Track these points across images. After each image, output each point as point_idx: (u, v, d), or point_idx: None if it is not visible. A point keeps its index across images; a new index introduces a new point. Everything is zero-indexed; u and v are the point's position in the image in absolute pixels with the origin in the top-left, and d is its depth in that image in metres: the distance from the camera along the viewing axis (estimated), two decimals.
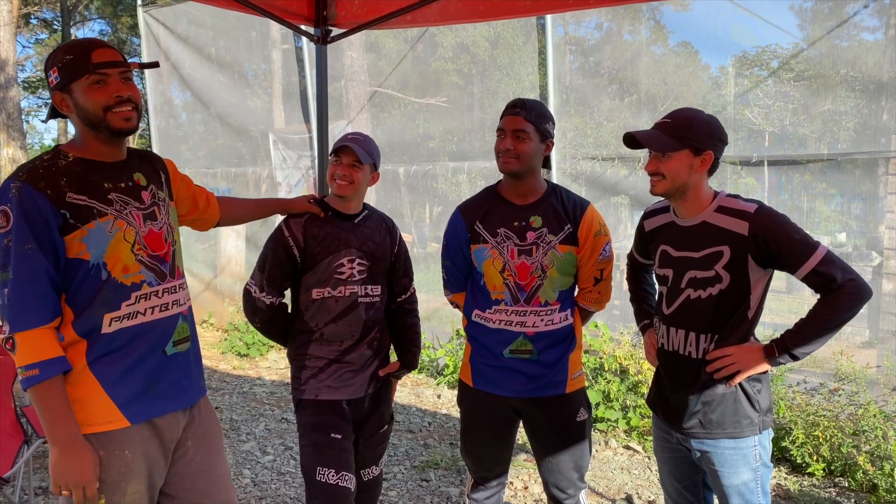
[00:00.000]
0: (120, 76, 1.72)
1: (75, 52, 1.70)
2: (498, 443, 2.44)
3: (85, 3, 24.10)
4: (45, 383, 1.62)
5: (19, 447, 3.24)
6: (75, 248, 1.68)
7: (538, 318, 2.30)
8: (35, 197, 1.63)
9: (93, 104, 1.70)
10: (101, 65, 1.69)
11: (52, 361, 1.64)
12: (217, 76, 7.94)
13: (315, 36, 3.31)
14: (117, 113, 1.71)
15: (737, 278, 1.94)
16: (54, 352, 1.65)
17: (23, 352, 1.62)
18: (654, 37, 5.89)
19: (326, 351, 2.34)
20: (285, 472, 3.91)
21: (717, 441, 2.01)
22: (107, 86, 1.70)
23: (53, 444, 1.65)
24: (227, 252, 7.66)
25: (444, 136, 6.47)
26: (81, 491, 1.66)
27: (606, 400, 4.58)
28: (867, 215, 4.65)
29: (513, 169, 2.25)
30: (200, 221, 2.18)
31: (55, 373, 1.64)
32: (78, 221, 1.68)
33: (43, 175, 1.66)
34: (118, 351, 1.73)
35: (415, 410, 5.04)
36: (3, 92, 13.20)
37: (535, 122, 2.23)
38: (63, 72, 1.70)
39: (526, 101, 2.26)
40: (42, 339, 1.64)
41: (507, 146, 2.23)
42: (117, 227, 1.73)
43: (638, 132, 2.00)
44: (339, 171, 2.29)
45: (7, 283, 1.62)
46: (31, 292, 1.63)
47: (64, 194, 1.66)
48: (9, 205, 1.63)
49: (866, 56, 4.40)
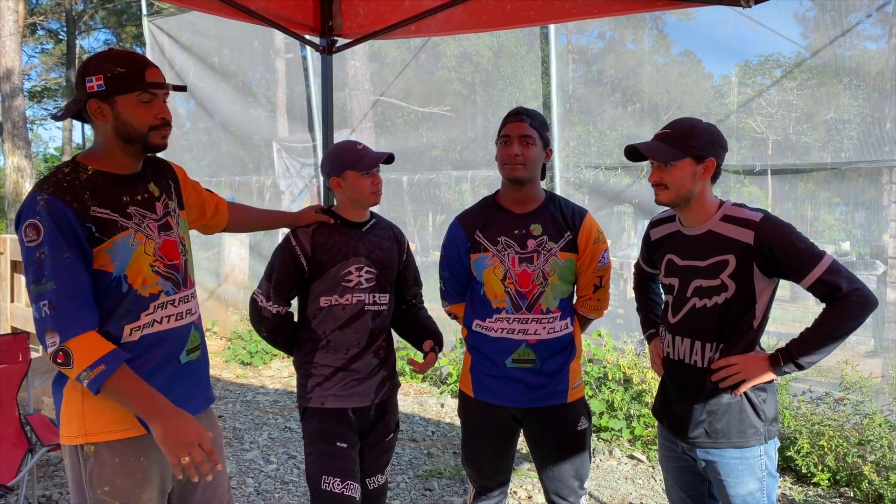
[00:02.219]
0: (163, 97, 1.78)
1: (128, 67, 1.71)
2: (499, 453, 2.44)
3: (90, 14, 24.26)
4: (115, 374, 1.62)
5: (23, 456, 3.24)
6: (101, 259, 1.69)
7: (540, 326, 2.30)
8: (63, 209, 1.63)
9: (139, 121, 1.73)
10: (153, 85, 1.73)
11: (113, 354, 1.63)
12: (221, 85, 7.98)
13: (320, 46, 3.33)
14: (159, 132, 1.76)
15: (742, 287, 1.94)
16: (110, 346, 1.65)
17: (81, 356, 1.60)
18: (656, 46, 5.91)
19: (332, 359, 2.34)
20: (288, 481, 3.90)
21: (722, 451, 2.00)
22: (153, 106, 1.74)
23: (153, 421, 1.63)
24: (230, 260, 7.66)
25: (447, 144, 6.49)
26: (199, 450, 1.62)
27: (610, 409, 4.56)
28: (871, 224, 4.64)
29: (520, 174, 2.26)
30: (207, 227, 2.22)
31: (120, 362, 1.64)
32: (103, 235, 1.69)
33: (68, 188, 1.67)
34: (136, 360, 1.73)
35: (418, 419, 5.03)
36: (9, 101, 13.27)
37: (538, 128, 2.26)
38: (111, 83, 1.70)
39: (528, 109, 2.30)
40: (94, 339, 1.63)
41: (514, 151, 2.24)
42: (138, 240, 1.75)
43: (639, 144, 2.01)
44: (374, 182, 2.32)
45: (45, 295, 1.61)
46: (77, 299, 1.62)
47: (88, 208, 1.67)
48: (38, 217, 1.63)
49: (869, 65, 4.41)
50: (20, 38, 13.83)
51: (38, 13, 23.22)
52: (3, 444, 3.28)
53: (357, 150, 2.33)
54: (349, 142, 2.39)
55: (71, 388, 1.75)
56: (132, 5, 21.40)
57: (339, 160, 2.34)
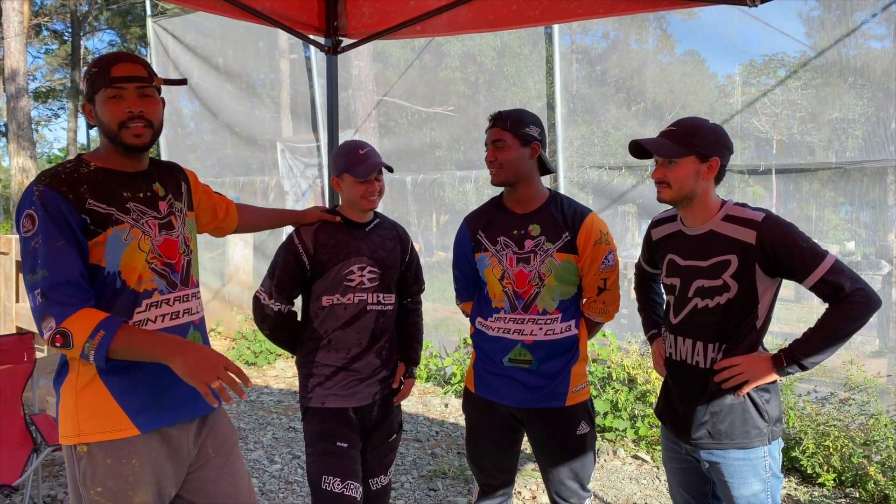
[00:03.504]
0: (137, 91, 1.72)
1: (99, 65, 1.73)
2: (501, 450, 2.44)
3: (95, 14, 24.33)
4: (117, 335, 1.60)
5: (28, 456, 3.25)
6: (95, 253, 1.70)
7: (536, 327, 2.29)
8: (57, 199, 1.65)
9: (109, 118, 1.72)
10: (118, 79, 1.70)
11: (108, 319, 1.62)
12: (225, 86, 8.00)
13: (325, 46, 3.34)
14: (130, 129, 1.72)
15: (744, 287, 1.94)
16: (104, 314, 1.63)
17: (79, 331, 1.58)
18: (660, 45, 5.89)
19: (333, 358, 2.35)
20: (293, 481, 3.91)
21: (726, 451, 2.00)
22: (122, 100, 1.72)
23: (172, 360, 1.59)
24: (234, 261, 7.68)
25: (450, 144, 6.49)
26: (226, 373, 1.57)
27: (615, 409, 4.56)
28: (876, 224, 4.62)
29: (498, 179, 2.28)
30: (219, 230, 2.24)
31: (118, 323, 1.62)
32: (98, 227, 1.69)
33: (65, 180, 1.68)
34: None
35: (422, 419, 5.03)
36: (14, 102, 13.33)
37: (510, 129, 2.24)
38: (88, 84, 1.74)
39: (503, 112, 2.28)
40: (88, 312, 1.62)
41: (490, 157, 2.28)
42: (133, 235, 1.75)
43: (644, 140, 2.00)
44: (369, 188, 2.31)
45: (38, 283, 1.61)
46: (68, 283, 1.62)
47: (84, 200, 1.68)
48: (33, 208, 1.64)
49: (874, 64, 4.39)
50: (25, 39, 13.89)
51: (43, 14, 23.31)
52: (8, 444, 3.29)
53: (358, 155, 2.32)
54: (355, 143, 2.37)
55: (67, 388, 1.75)
56: (136, 6, 21.46)
57: (340, 161, 2.34)
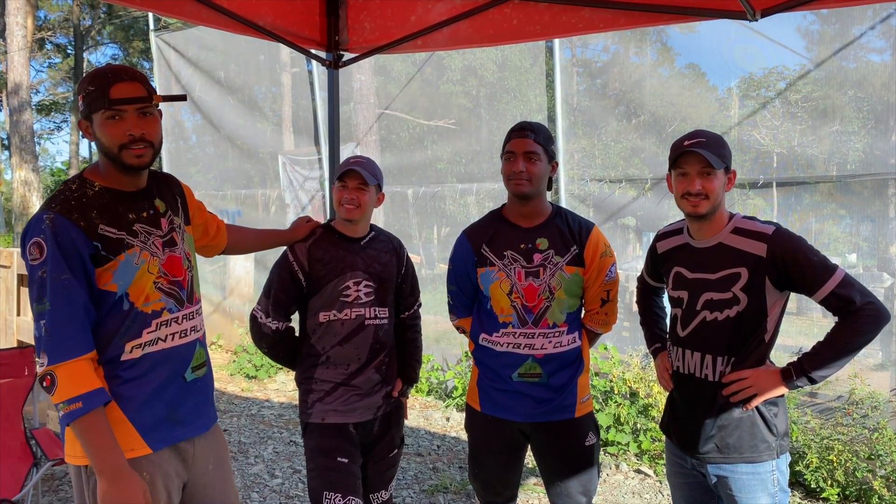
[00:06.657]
0: (138, 112, 1.69)
1: (97, 84, 1.67)
2: (507, 467, 2.42)
3: (98, 28, 24.49)
4: (88, 415, 1.59)
5: (28, 470, 3.23)
6: (104, 279, 1.68)
7: (546, 341, 2.29)
8: (69, 228, 1.63)
9: (108, 140, 1.68)
10: (118, 101, 1.66)
11: (94, 393, 1.61)
12: (227, 99, 8.03)
13: (327, 60, 3.35)
14: (131, 150, 1.69)
15: (754, 300, 1.93)
16: (95, 383, 1.62)
17: (64, 385, 1.58)
18: (660, 59, 5.92)
19: (333, 374, 2.34)
20: (294, 496, 3.88)
21: (734, 466, 1.98)
22: (123, 122, 1.67)
23: (101, 476, 1.62)
24: (236, 273, 7.68)
25: (452, 157, 6.51)
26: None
27: (617, 423, 4.53)
28: (877, 236, 4.62)
29: (525, 191, 2.25)
30: (208, 248, 2.19)
31: (98, 404, 1.61)
32: (110, 253, 1.68)
33: (75, 207, 1.66)
34: (140, 378, 1.73)
35: (423, 433, 5.01)
36: (17, 115, 13.38)
37: (543, 143, 2.25)
38: (86, 103, 1.69)
39: (532, 123, 2.28)
40: (83, 370, 1.61)
41: (519, 168, 2.23)
42: (143, 258, 1.74)
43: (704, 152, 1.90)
44: (346, 195, 2.30)
45: (44, 315, 1.60)
46: (70, 323, 1.61)
47: (96, 226, 1.67)
48: (42, 236, 1.62)
49: (873, 77, 4.41)
50: (28, 53, 13.97)
51: (47, 28, 23.46)
52: (8, 459, 3.27)
53: (346, 163, 2.34)
54: (355, 157, 2.39)
55: None
56: (139, 20, 21.61)
57: (337, 171, 2.37)
